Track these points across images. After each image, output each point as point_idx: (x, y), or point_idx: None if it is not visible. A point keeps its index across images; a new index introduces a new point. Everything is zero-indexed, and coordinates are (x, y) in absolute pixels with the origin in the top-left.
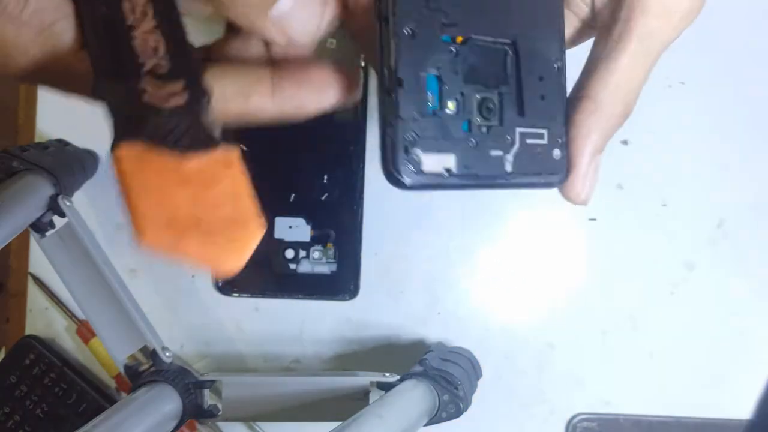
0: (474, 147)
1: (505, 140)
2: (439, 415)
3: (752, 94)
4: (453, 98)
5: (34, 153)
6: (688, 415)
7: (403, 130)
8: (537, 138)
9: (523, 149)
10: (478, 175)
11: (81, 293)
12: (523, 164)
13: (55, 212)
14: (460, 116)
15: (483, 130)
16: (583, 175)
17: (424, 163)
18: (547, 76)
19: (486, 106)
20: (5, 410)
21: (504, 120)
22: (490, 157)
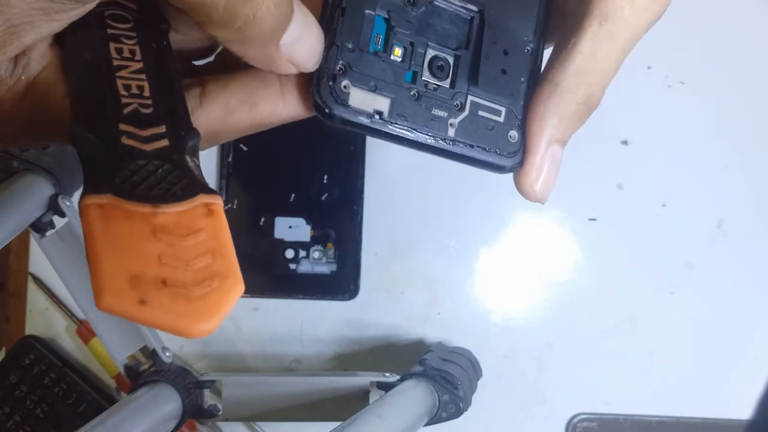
0: (415, 99)
1: (453, 104)
2: (439, 415)
3: (752, 94)
4: (400, 45)
5: (34, 153)
6: (688, 415)
7: (334, 57)
8: (491, 113)
9: (472, 119)
10: (415, 130)
11: (81, 293)
12: (470, 134)
13: (55, 212)
14: (406, 65)
15: (430, 87)
16: (537, 165)
17: (351, 97)
18: (513, 53)
19: (437, 63)
20: (5, 410)
21: (456, 83)
22: (431, 115)
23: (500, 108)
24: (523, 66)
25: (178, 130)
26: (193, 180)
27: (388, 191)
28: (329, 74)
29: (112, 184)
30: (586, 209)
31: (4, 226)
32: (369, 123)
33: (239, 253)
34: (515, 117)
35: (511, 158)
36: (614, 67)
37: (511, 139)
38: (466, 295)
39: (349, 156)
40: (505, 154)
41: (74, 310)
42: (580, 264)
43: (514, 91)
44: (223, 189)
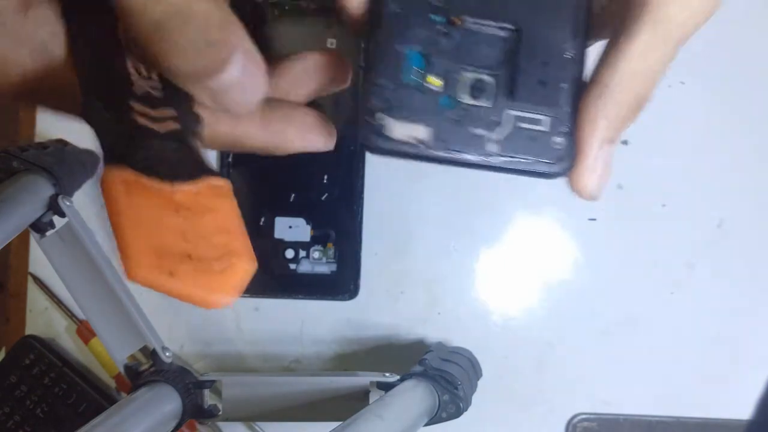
0: (455, 123)
1: (494, 121)
2: (439, 415)
3: (752, 94)
4: (437, 74)
5: (34, 153)
6: (688, 415)
7: (372, 95)
8: (534, 123)
9: (514, 132)
10: (457, 151)
11: (81, 293)
12: (514, 147)
13: (55, 212)
14: (444, 92)
15: (468, 108)
16: (590, 166)
17: (392, 129)
18: (551, 63)
19: (476, 86)
20: (5, 410)
21: (496, 101)
22: (472, 134)
23: (543, 117)
24: (564, 72)
25: (187, 112)
26: (203, 163)
27: (388, 191)
28: (371, 113)
29: (134, 160)
30: (586, 209)
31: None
32: (413, 151)
33: None
34: (559, 123)
35: (558, 164)
36: (664, 69)
37: (556, 146)
38: (466, 295)
39: (349, 156)
40: (551, 161)
41: (74, 310)
42: (580, 264)
43: (555, 99)
44: None
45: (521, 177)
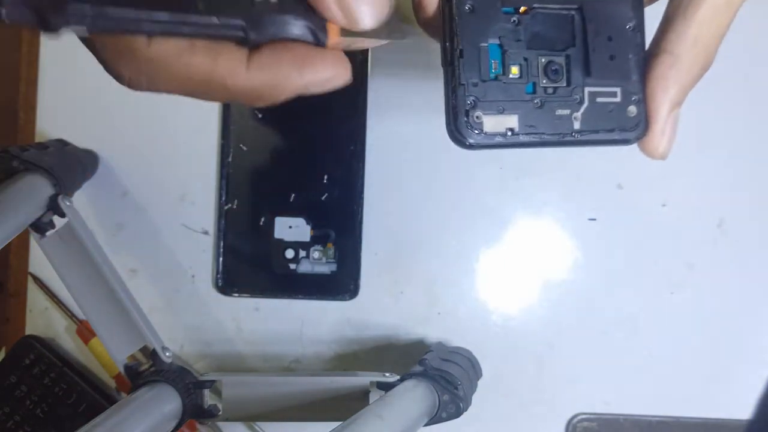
0: (538, 107)
1: (573, 100)
2: (439, 415)
3: (752, 93)
4: (516, 64)
5: (34, 153)
6: (688, 415)
7: (463, 95)
8: (609, 96)
9: (593, 108)
10: (544, 134)
11: (81, 293)
12: (594, 122)
13: (55, 212)
14: (524, 80)
15: (549, 92)
16: (660, 130)
17: (485, 124)
18: (617, 36)
19: (552, 68)
20: (5, 410)
21: (572, 80)
22: (556, 116)
23: (615, 90)
24: (629, 44)
25: None
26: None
27: (388, 191)
28: (463, 111)
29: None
30: (586, 209)
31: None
32: (504, 141)
33: (239, 253)
34: (630, 93)
35: (634, 131)
36: (726, 32)
37: (630, 114)
38: (466, 295)
39: (349, 156)
40: (627, 129)
41: (74, 310)
42: (580, 264)
43: (624, 70)
44: (223, 189)
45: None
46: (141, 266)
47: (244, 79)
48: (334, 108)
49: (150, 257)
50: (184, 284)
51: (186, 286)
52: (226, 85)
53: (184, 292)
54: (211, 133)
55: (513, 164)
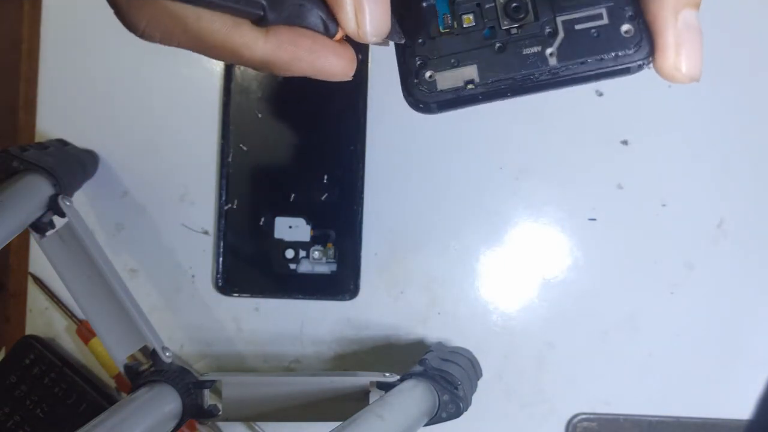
0: (500, 51)
1: (544, 34)
2: (439, 415)
3: (752, 93)
4: (469, 12)
5: (34, 153)
6: (688, 415)
7: (410, 57)
8: (591, 20)
9: (572, 38)
10: (512, 79)
11: (81, 293)
12: (575, 52)
13: (55, 212)
14: (480, 25)
15: (513, 32)
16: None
17: (438, 82)
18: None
19: (512, 6)
20: (5, 410)
21: (540, 14)
22: (524, 56)
23: (599, 10)
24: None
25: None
26: None
27: (388, 191)
28: (411, 73)
29: None
30: (586, 209)
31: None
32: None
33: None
34: (619, 10)
35: (635, 52)
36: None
37: (627, 34)
38: (466, 295)
39: (349, 156)
40: (625, 52)
41: (74, 310)
42: (580, 264)
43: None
44: (223, 189)
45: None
46: (141, 266)
47: (261, 51)
48: (334, 108)
49: (150, 257)
50: (184, 284)
51: (186, 286)
52: (240, 53)
53: (184, 292)
54: (211, 133)
55: (513, 164)
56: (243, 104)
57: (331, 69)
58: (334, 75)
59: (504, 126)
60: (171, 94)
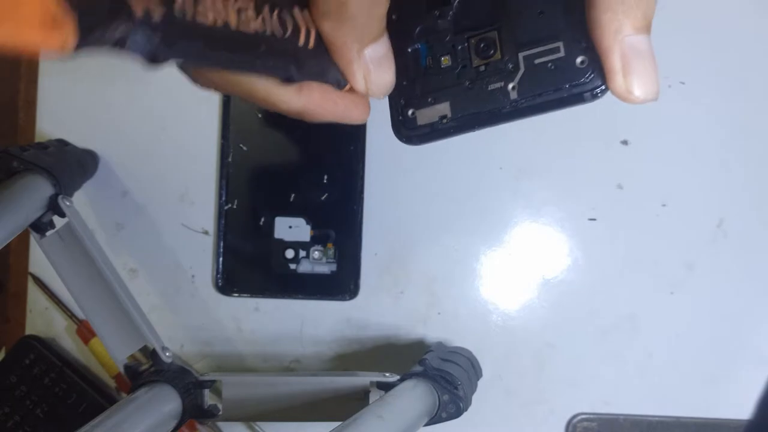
0: (469, 88)
1: (507, 70)
2: (439, 415)
3: (752, 93)
4: (446, 54)
5: (34, 153)
6: (688, 415)
7: (396, 98)
8: (548, 54)
9: (531, 72)
10: (478, 113)
11: (81, 293)
12: (533, 85)
13: (55, 212)
14: (455, 65)
15: (481, 69)
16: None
17: (418, 118)
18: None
19: (481, 46)
20: (5, 410)
21: (505, 52)
22: (489, 92)
23: (556, 44)
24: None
25: None
26: None
27: (388, 191)
28: (398, 111)
29: None
30: (586, 209)
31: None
32: (439, 128)
33: (239, 253)
34: (574, 43)
35: (589, 81)
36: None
37: (582, 65)
38: (466, 295)
39: (349, 156)
40: (579, 82)
41: (74, 310)
42: (580, 264)
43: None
44: (223, 189)
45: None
46: (141, 266)
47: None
48: None
49: (150, 257)
50: (184, 284)
51: (186, 286)
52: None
53: (184, 292)
54: (211, 133)
55: (513, 164)
56: (243, 104)
57: (350, 117)
58: (353, 121)
59: (504, 126)
60: (171, 94)
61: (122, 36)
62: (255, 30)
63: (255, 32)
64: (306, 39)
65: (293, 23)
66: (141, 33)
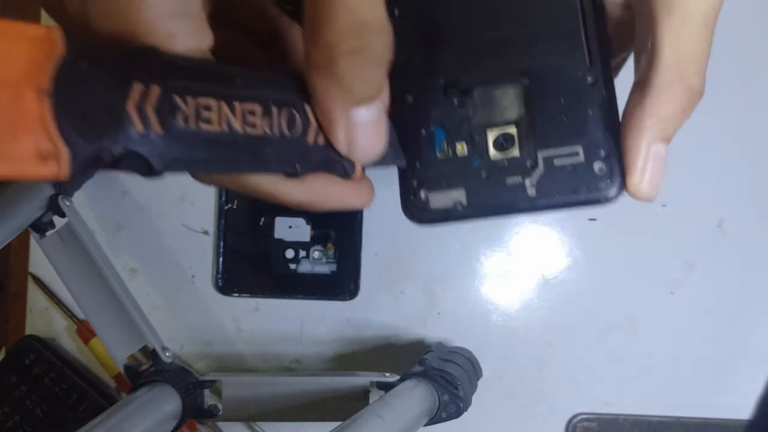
0: (486, 178)
1: (525, 167)
2: (439, 415)
3: (753, 93)
4: (461, 141)
5: None
6: (688, 415)
7: (409, 177)
8: (568, 157)
9: (550, 172)
10: (494, 204)
11: (81, 293)
12: (551, 185)
13: (55, 212)
14: (472, 154)
15: (498, 162)
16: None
17: (431, 201)
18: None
19: (500, 140)
20: (5, 410)
21: (523, 148)
22: (506, 185)
23: (576, 148)
24: (587, 99)
25: None
26: None
27: (388, 191)
28: (411, 191)
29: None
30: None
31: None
32: (453, 215)
33: (239, 253)
34: (595, 149)
35: (606, 189)
36: (704, 46)
37: (600, 172)
38: (466, 295)
39: None
40: (596, 188)
41: (74, 310)
42: (580, 264)
43: (582, 128)
44: (223, 189)
45: None
46: (141, 266)
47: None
48: None
49: (150, 257)
50: (184, 284)
51: (186, 286)
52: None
53: (184, 292)
54: None
55: None
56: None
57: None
58: (355, 208)
59: None
60: None
61: (120, 155)
62: (263, 132)
63: (263, 134)
64: (316, 137)
65: (303, 120)
66: (141, 150)
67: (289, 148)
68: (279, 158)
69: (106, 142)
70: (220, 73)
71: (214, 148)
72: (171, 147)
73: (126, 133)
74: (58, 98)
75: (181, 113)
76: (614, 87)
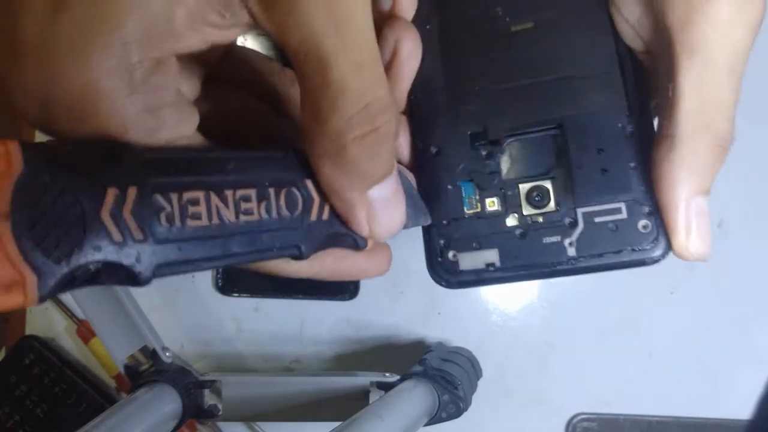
0: (521, 238)
1: (563, 224)
2: (439, 415)
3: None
4: (493, 196)
5: None
6: (688, 415)
7: (435, 237)
8: (610, 214)
9: (590, 229)
10: (531, 265)
11: (81, 293)
12: (593, 244)
13: None
14: (504, 211)
15: (534, 219)
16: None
17: (461, 262)
18: (609, 147)
19: (534, 195)
20: (5, 410)
21: (561, 204)
22: (544, 245)
23: (618, 205)
24: (627, 150)
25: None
26: None
27: None
28: (437, 252)
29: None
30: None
31: None
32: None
33: None
34: (638, 206)
35: (651, 248)
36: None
37: (644, 229)
38: (466, 295)
39: None
40: (641, 247)
41: (74, 310)
42: None
43: (624, 182)
44: None
45: None
46: None
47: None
48: None
49: None
50: (184, 284)
51: (186, 286)
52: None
53: (184, 292)
54: None
55: None
56: None
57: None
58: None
59: None
60: None
61: (98, 270)
62: (258, 217)
63: (259, 219)
64: (319, 212)
65: (304, 197)
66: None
67: (290, 231)
68: (279, 243)
69: (79, 259)
70: (209, 161)
71: (205, 245)
72: (156, 252)
73: (101, 245)
74: (18, 219)
75: (165, 213)
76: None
